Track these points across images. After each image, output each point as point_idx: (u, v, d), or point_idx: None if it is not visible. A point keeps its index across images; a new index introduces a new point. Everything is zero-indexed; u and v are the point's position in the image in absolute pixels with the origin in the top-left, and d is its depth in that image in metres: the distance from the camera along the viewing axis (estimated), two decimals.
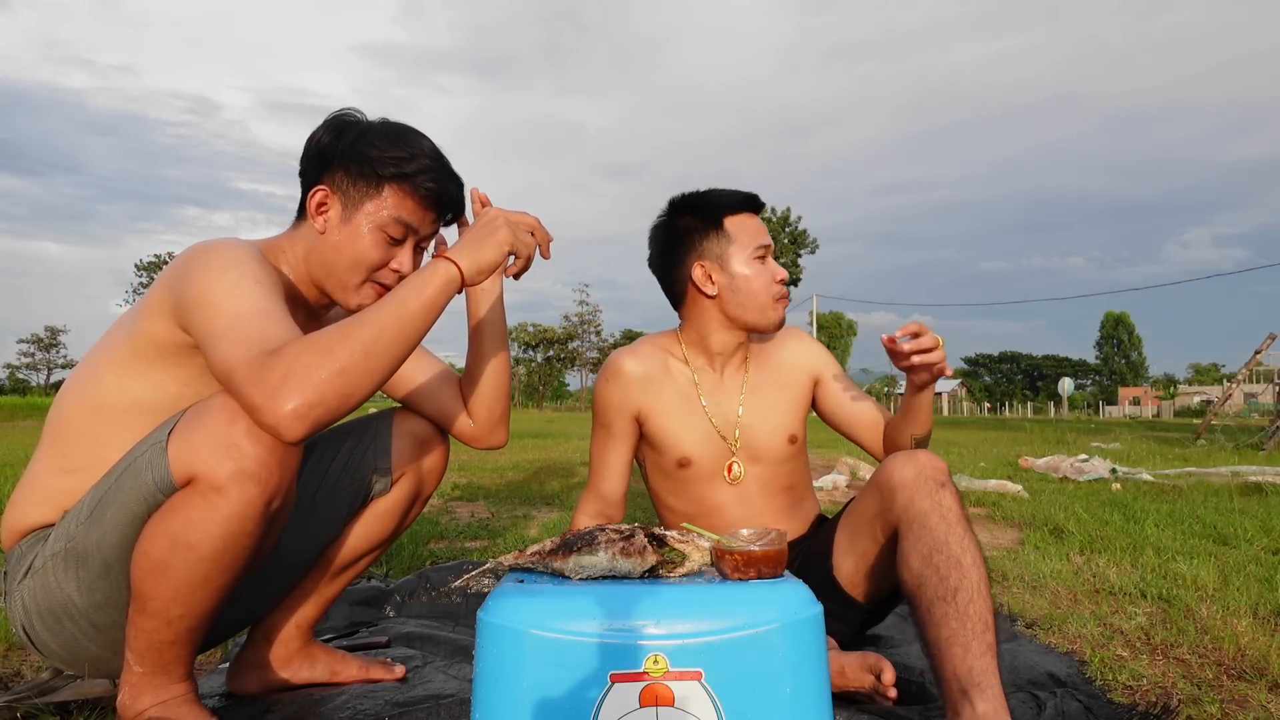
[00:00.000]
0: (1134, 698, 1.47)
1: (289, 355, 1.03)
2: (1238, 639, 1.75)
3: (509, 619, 0.99)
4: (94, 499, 1.18)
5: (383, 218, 1.27)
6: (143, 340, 1.20)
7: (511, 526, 3.46)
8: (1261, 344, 11.81)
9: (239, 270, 1.15)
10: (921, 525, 1.28)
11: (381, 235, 1.28)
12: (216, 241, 1.21)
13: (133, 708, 1.18)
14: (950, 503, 1.29)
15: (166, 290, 1.18)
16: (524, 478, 5.60)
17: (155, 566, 1.10)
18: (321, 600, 1.50)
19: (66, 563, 1.18)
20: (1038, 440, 10.63)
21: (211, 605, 1.15)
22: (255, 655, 1.47)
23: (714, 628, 0.98)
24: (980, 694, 1.14)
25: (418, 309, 1.12)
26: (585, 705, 0.96)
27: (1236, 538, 3.01)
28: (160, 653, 1.16)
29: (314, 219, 1.29)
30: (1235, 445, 9.60)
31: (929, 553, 1.25)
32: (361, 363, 1.06)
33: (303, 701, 1.41)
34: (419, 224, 1.30)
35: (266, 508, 1.11)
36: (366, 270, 1.29)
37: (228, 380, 1.06)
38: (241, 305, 1.10)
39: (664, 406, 1.67)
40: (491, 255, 1.19)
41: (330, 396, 1.03)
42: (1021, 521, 3.54)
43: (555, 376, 50.53)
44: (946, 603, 1.21)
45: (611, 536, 1.11)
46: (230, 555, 1.11)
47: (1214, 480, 5.09)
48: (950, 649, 1.18)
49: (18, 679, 1.54)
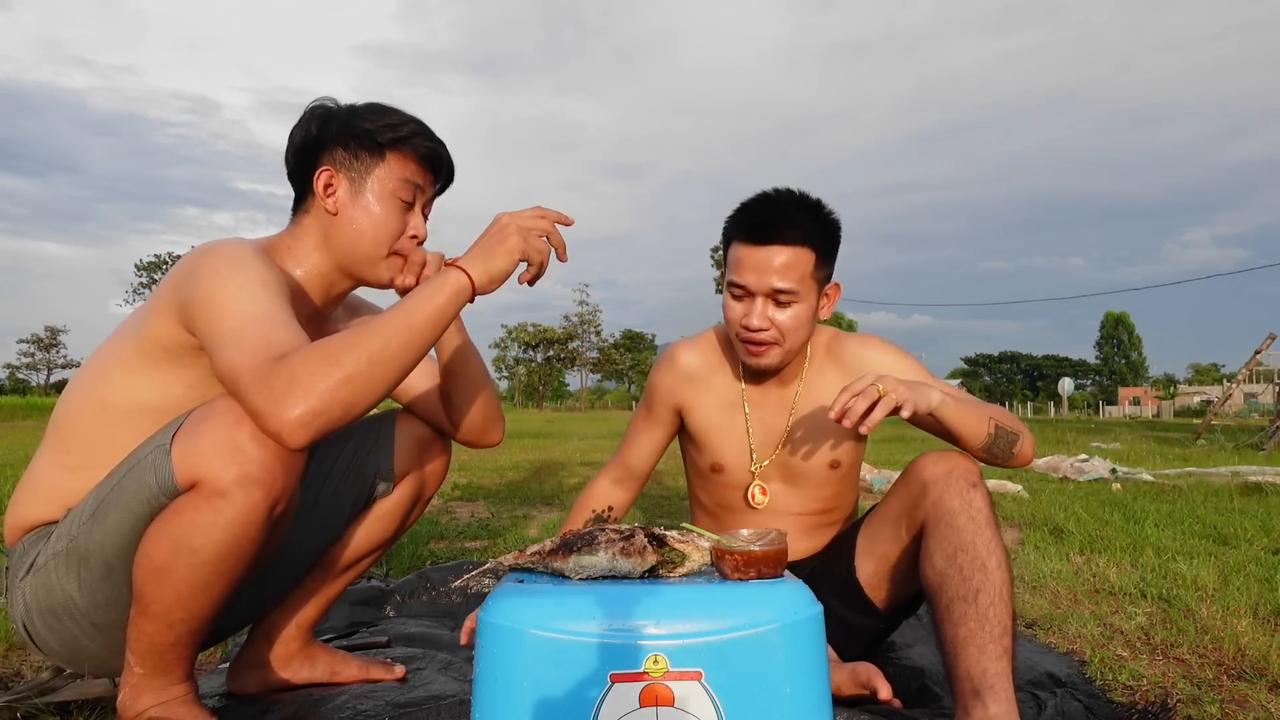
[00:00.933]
0: (1134, 698, 1.47)
1: (295, 361, 1.02)
2: (1238, 639, 1.75)
3: (509, 619, 0.99)
4: (96, 499, 1.17)
5: (393, 183, 1.29)
6: (149, 342, 1.20)
7: (511, 526, 3.46)
8: (1261, 344, 11.82)
9: (245, 273, 1.15)
10: (949, 524, 1.26)
11: (395, 201, 1.29)
12: (223, 242, 1.21)
13: (133, 708, 1.18)
14: (981, 504, 1.27)
15: (172, 291, 1.18)
16: (524, 478, 5.61)
17: (157, 570, 1.10)
18: (322, 600, 1.50)
19: (68, 562, 1.18)
20: (1038, 440, 10.62)
21: (213, 608, 1.15)
22: (255, 655, 1.47)
23: (714, 628, 0.98)
24: (993, 695, 1.13)
25: (426, 318, 1.11)
26: (585, 705, 0.96)
27: (1236, 538, 3.01)
28: (161, 654, 1.16)
29: (323, 200, 1.28)
30: (1235, 445, 9.61)
31: (954, 552, 1.24)
32: (367, 370, 1.04)
33: (303, 701, 1.41)
34: (425, 184, 1.33)
35: (270, 513, 1.11)
36: (389, 240, 1.30)
37: (233, 384, 1.06)
38: (248, 309, 1.10)
39: (707, 407, 1.64)
40: (502, 264, 1.17)
41: (335, 404, 1.02)
42: (1021, 521, 3.54)
43: (555, 376, 50.53)
44: (967, 603, 1.20)
45: (611, 536, 1.11)
46: (233, 560, 1.11)
47: (1214, 480, 5.09)
48: (966, 649, 1.17)
49: (18, 679, 1.54)
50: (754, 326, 1.47)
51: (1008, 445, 1.41)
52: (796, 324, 1.48)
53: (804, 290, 1.47)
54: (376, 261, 1.30)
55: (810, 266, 1.47)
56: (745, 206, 1.51)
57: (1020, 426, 1.44)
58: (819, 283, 1.51)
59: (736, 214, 1.52)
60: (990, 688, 1.14)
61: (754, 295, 1.47)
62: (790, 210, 1.47)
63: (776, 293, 1.45)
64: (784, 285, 1.44)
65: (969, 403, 1.41)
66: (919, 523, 1.33)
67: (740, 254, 1.48)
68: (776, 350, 1.50)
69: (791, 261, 1.44)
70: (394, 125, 1.29)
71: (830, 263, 1.52)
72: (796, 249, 1.45)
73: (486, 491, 4.76)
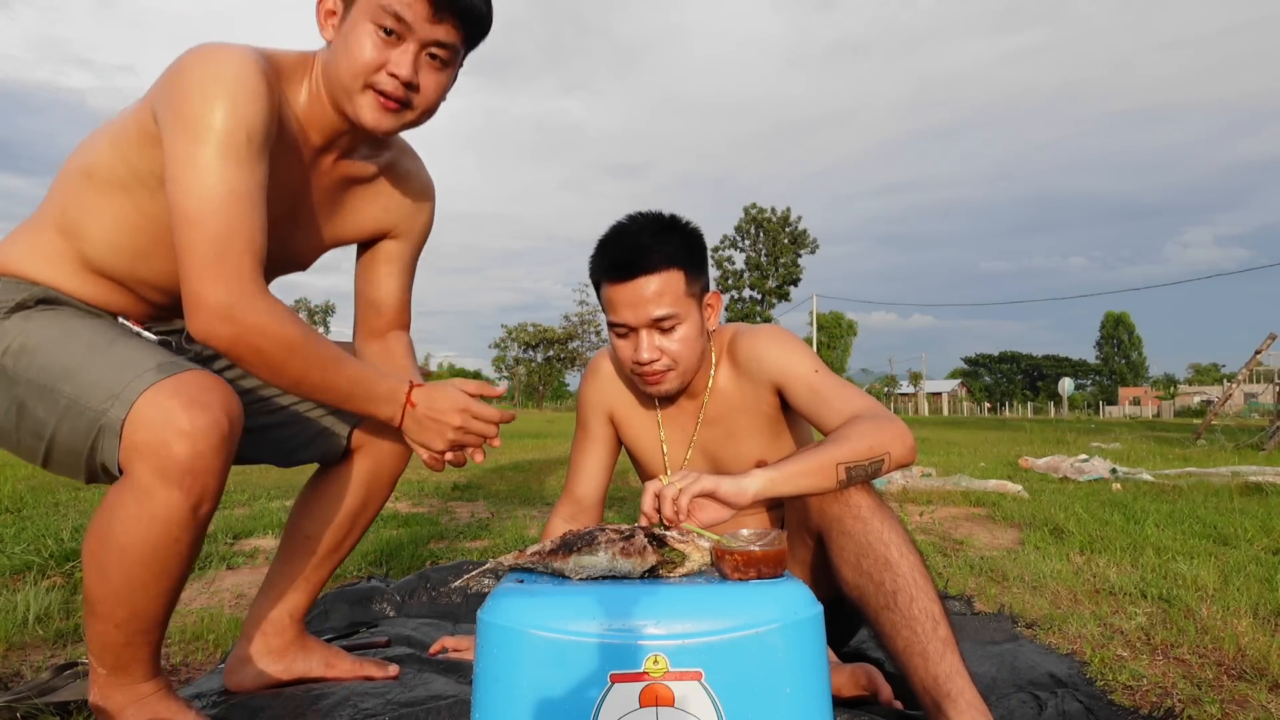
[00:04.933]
0: (1134, 698, 1.47)
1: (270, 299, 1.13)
2: (1238, 639, 1.75)
3: (509, 619, 0.99)
4: (43, 378, 1.14)
5: (372, 8, 1.16)
6: (132, 125, 1.18)
7: (511, 526, 3.46)
8: (1261, 344, 11.80)
9: (234, 115, 1.09)
10: (840, 531, 1.26)
11: (372, 28, 1.16)
12: (225, 55, 1.12)
13: (105, 708, 1.19)
14: (858, 497, 1.27)
15: (161, 79, 1.14)
16: (524, 478, 5.60)
17: (96, 566, 1.12)
18: (309, 587, 1.50)
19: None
20: (1038, 440, 10.63)
21: (157, 608, 1.15)
22: (250, 650, 1.48)
23: (714, 628, 0.98)
24: (950, 702, 1.13)
25: (353, 402, 1.23)
26: (585, 705, 0.96)
27: (1236, 538, 3.01)
28: (116, 654, 1.17)
29: (323, 29, 1.22)
30: (1235, 445, 9.60)
31: (856, 559, 1.24)
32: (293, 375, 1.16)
33: (302, 699, 1.40)
34: (411, 15, 1.16)
35: (194, 513, 1.11)
36: (363, 73, 1.18)
37: (186, 253, 1.08)
38: (219, 179, 1.08)
39: (633, 418, 1.66)
40: (436, 444, 1.28)
41: (268, 346, 1.12)
42: (1022, 521, 3.54)
43: (555, 377, 50.49)
44: (891, 610, 1.20)
45: (611, 536, 1.11)
46: (161, 559, 1.11)
47: (1214, 480, 5.09)
48: (910, 660, 1.18)
49: (18, 679, 1.54)
50: (645, 360, 1.46)
51: (870, 473, 1.31)
52: (685, 345, 1.47)
53: (683, 310, 1.46)
54: (353, 94, 1.20)
55: (682, 286, 1.46)
56: (602, 245, 1.50)
57: (884, 438, 1.30)
58: (696, 297, 1.49)
59: (596, 255, 1.50)
60: (946, 695, 1.14)
61: (636, 330, 1.46)
62: (645, 238, 1.45)
63: (656, 322, 1.44)
64: (661, 312, 1.43)
65: (810, 457, 1.28)
66: (815, 531, 1.34)
67: (611, 294, 1.46)
68: (673, 375, 1.48)
69: (661, 288, 1.43)
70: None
71: (702, 275, 1.51)
72: (663, 274, 1.43)
73: (486, 491, 4.76)
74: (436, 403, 1.26)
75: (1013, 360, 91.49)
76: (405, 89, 1.20)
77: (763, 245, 46.04)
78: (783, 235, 45.91)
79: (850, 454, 1.28)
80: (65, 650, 1.73)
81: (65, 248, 1.23)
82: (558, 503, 1.72)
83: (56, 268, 1.24)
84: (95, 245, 1.23)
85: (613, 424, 1.68)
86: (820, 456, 1.27)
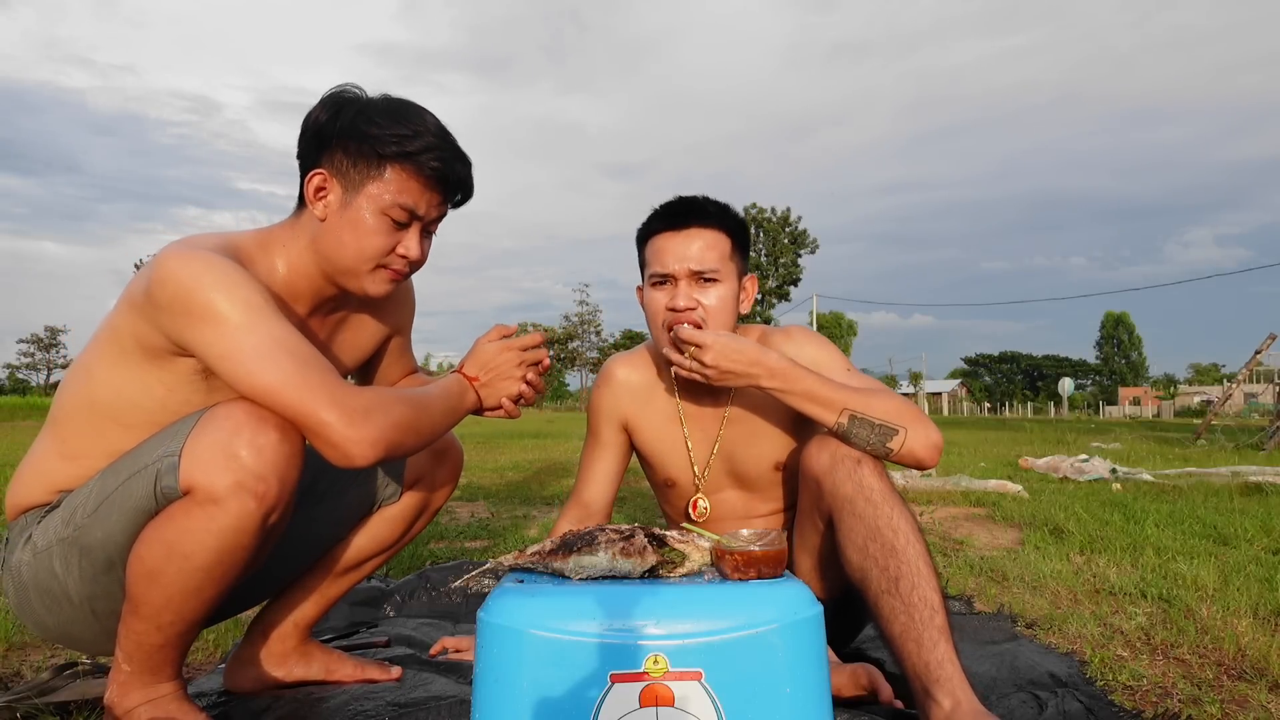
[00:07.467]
0: (1135, 698, 1.46)
1: (368, 391, 1.14)
2: (1238, 639, 1.75)
3: (509, 619, 0.99)
4: (100, 494, 1.17)
5: (385, 201, 1.21)
6: (127, 339, 1.18)
7: (511, 526, 3.46)
8: (1261, 344, 11.81)
9: (237, 291, 1.11)
10: (850, 512, 1.27)
11: (385, 220, 1.22)
12: (196, 249, 1.14)
13: (121, 705, 1.19)
14: (872, 481, 1.27)
15: (146, 295, 1.13)
16: (524, 478, 5.60)
17: (149, 573, 1.10)
18: (322, 600, 1.50)
19: (71, 551, 1.18)
20: (1038, 440, 10.63)
21: (203, 613, 1.16)
22: (252, 653, 1.48)
23: (714, 628, 0.98)
24: (941, 689, 1.15)
25: (450, 411, 1.28)
26: (585, 705, 0.96)
27: (1236, 538, 3.01)
28: (149, 655, 1.17)
29: (313, 205, 1.22)
30: (1235, 445, 9.60)
31: (863, 542, 1.25)
32: (425, 435, 1.21)
33: (302, 700, 1.40)
34: (424, 208, 1.24)
35: (263, 522, 1.11)
36: (373, 258, 1.24)
37: (276, 399, 1.08)
38: (261, 329, 1.09)
39: (650, 423, 1.65)
40: (511, 391, 1.35)
41: (402, 437, 1.14)
42: (1022, 521, 3.54)
43: (555, 376, 50.50)
44: (891, 595, 1.21)
45: (611, 536, 1.11)
46: (224, 567, 1.11)
47: (1214, 480, 5.09)
48: (904, 645, 1.19)
49: (18, 679, 1.54)
50: (680, 306, 1.47)
51: (877, 439, 1.31)
52: (720, 305, 1.49)
53: (724, 271, 1.50)
54: (360, 275, 1.25)
55: (728, 248, 1.51)
56: (661, 205, 1.57)
57: (905, 418, 1.32)
58: (737, 267, 1.54)
59: (652, 214, 1.56)
60: (935, 681, 1.15)
61: (676, 280, 1.49)
62: (703, 201, 1.53)
63: (698, 274, 1.48)
64: (705, 265, 1.48)
65: (828, 385, 1.34)
66: (826, 514, 1.34)
67: (659, 243, 1.51)
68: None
69: (710, 242, 1.49)
70: (402, 137, 1.19)
71: (745, 254, 1.56)
72: (714, 231, 1.50)
73: (486, 491, 4.76)
74: (486, 361, 1.33)
75: (1013, 360, 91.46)
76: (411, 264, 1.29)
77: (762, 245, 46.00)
78: (783, 235, 45.87)
79: (863, 406, 1.32)
80: (65, 650, 1.73)
81: (74, 471, 1.24)
82: (565, 506, 1.72)
83: (65, 488, 1.25)
84: (104, 463, 1.22)
85: (625, 431, 1.68)
86: (837, 391, 1.34)
